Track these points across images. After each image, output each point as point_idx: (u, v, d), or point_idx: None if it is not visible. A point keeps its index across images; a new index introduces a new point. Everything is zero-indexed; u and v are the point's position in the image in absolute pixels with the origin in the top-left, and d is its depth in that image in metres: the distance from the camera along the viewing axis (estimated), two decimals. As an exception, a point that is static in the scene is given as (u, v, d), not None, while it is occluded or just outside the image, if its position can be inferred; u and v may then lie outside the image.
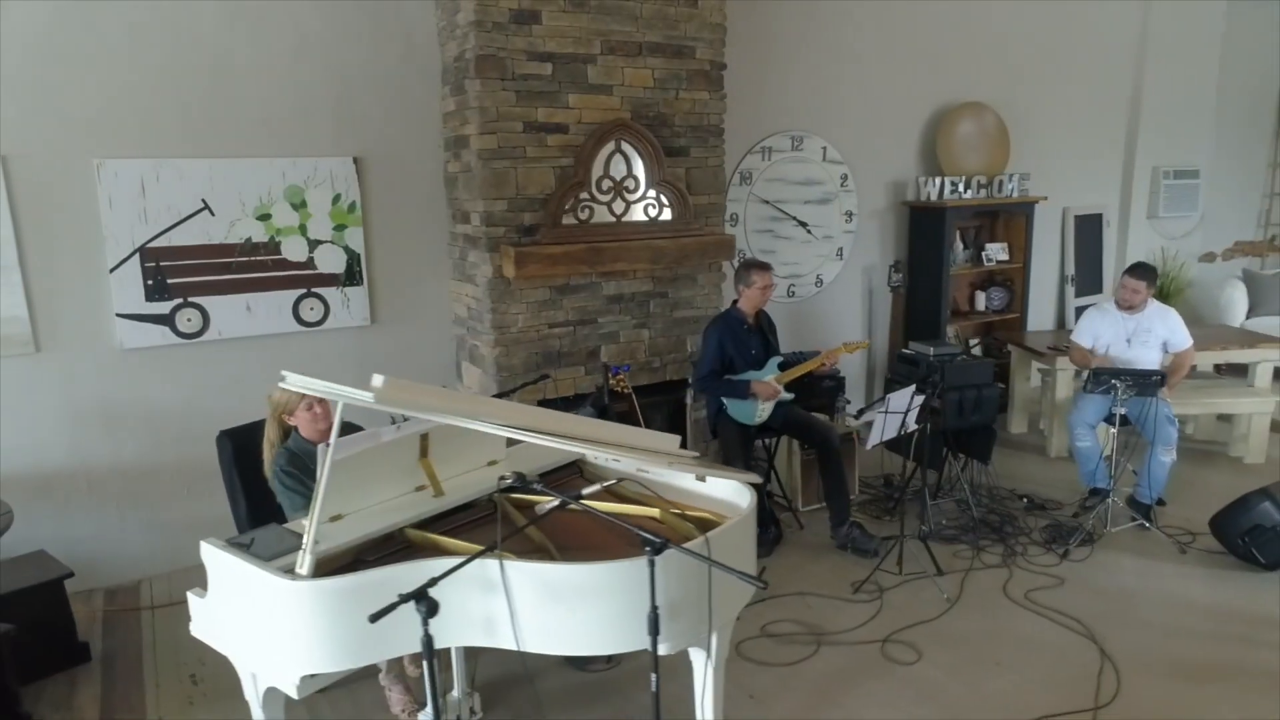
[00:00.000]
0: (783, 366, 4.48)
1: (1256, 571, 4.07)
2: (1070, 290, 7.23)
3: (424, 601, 2.13)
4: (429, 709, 2.98)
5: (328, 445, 2.31)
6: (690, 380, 4.89)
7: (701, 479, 2.90)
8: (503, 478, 2.49)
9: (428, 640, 2.18)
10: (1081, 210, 7.22)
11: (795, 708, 3.15)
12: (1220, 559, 4.21)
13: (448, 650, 3.09)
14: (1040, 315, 7.05)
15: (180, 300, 4.12)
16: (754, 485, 2.75)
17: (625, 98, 4.43)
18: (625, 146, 4.46)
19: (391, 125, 4.50)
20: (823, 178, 5.92)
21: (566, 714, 3.17)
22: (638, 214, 4.58)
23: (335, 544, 2.44)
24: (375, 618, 2.07)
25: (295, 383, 2.24)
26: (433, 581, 2.15)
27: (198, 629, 2.59)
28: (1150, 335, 4.72)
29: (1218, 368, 6.18)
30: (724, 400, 4.39)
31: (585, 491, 2.57)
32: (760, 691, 3.21)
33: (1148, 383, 4.34)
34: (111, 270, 3.97)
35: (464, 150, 4.29)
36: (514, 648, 2.33)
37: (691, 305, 4.83)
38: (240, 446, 3.34)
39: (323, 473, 2.30)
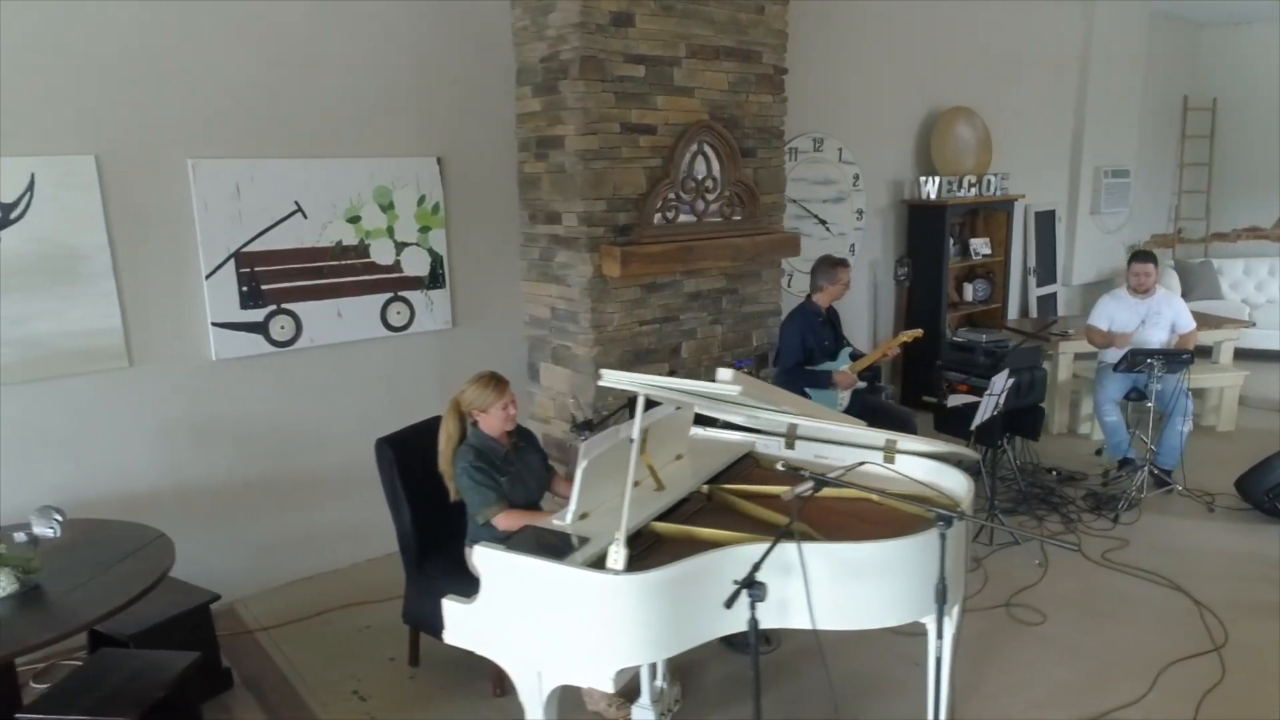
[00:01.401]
0: (851, 356, 4.71)
1: (1280, 524, 4.64)
2: (1033, 281, 7.84)
3: (756, 587, 2.23)
4: (645, 698, 3.06)
5: (630, 440, 2.35)
6: (756, 372, 5.07)
7: (891, 459, 3.09)
8: (781, 467, 2.58)
9: (754, 623, 2.27)
10: (1039, 207, 7.84)
11: (963, 669, 3.37)
12: (1244, 514, 4.75)
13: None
14: (1009, 304, 7.61)
15: (274, 307, 3.95)
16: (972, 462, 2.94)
17: (704, 100, 4.56)
18: (706, 148, 4.58)
19: (468, 126, 4.44)
20: (838, 177, 6.21)
21: (737, 698, 3.25)
22: (712, 213, 4.71)
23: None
24: (729, 603, 2.16)
25: (614, 379, 2.26)
26: (757, 567, 2.25)
27: (456, 636, 2.55)
28: (1160, 317, 5.25)
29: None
30: (807, 390, 4.58)
31: (831, 475, 2.71)
32: (924, 659, 3.41)
33: (1178, 361, 4.83)
34: (207, 277, 3.77)
35: (553, 150, 4.30)
36: (808, 627, 2.44)
37: (757, 301, 5.00)
38: (402, 454, 3.26)
39: (630, 470, 2.34)
